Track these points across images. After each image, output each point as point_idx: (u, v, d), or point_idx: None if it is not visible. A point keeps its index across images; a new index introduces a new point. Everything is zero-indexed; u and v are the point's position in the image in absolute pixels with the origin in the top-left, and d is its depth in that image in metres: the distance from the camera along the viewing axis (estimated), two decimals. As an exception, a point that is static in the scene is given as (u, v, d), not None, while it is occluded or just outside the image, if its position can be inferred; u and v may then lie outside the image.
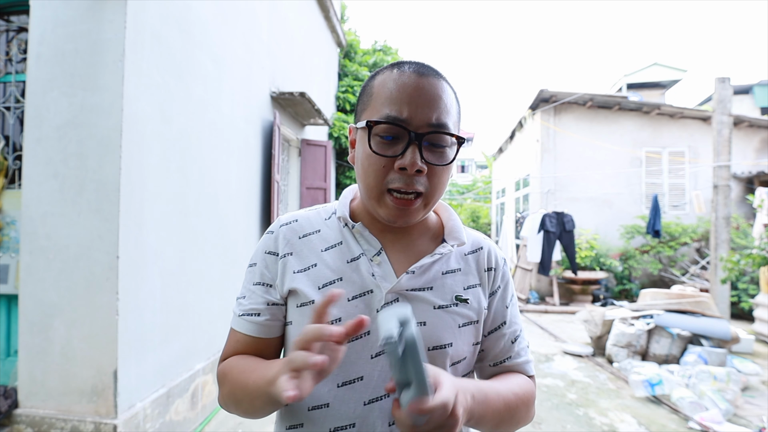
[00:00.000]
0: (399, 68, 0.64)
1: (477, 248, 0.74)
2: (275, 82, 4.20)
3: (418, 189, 0.61)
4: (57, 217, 2.03)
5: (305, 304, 0.65)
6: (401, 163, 0.59)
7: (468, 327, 0.68)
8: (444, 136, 0.62)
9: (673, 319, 3.95)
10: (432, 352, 0.64)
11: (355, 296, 0.64)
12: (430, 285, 0.67)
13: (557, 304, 7.09)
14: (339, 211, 0.70)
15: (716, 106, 5.35)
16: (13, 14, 2.36)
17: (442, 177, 0.63)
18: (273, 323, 0.69)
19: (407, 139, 0.60)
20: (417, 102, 0.60)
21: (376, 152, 0.61)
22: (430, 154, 0.61)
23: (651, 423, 2.90)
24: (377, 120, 0.61)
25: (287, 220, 0.73)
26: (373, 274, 0.65)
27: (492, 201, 14.51)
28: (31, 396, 2.04)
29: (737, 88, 11.19)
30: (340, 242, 0.69)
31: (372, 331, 0.62)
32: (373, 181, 0.62)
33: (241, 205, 3.47)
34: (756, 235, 5.11)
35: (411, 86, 0.61)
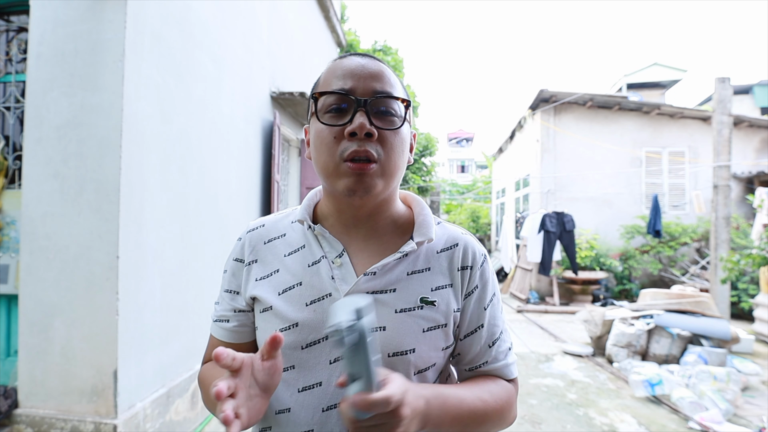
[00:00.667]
0: (341, 57, 0.65)
1: (451, 245, 0.69)
2: (275, 82, 4.20)
3: (371, 154, 0.59)
4: (57, 217, 2.03)
5: (266, 310, 0.65)
6: (351, 128, 0.59)
7: (435, 331, 0.64)
8: (391, 103, 0.61)
9: (673, 319, 3.95)
10: (392, 358, 0.61)
11: (313, 300, 0.63)
12: (393, 287, 0.64)
13: (557, 304, 7.09)
14: (300, 214, 0.69)
15: (716, 106, 5.35)
16: (13, 14, 2.36)
17: (395, 144, 0.62)
18: (242, 329, 0.70)
19: (354, 106, 0.60)
20: (360, 74, 0.61)
21: (325, 123, 0.61)
22: (379, 120, 0.61)
23: (651, 423, 2.90)
24: (322, 90, 0.62)
25: (255, 226, 0.73)
26: (332, 276, 0.64)
27: (492, 201, 14.51)
28: (31, 396, 2.04)
29: (737, 88, 11.20)
30: (303, 246, 0.68)
31: (329, 336, 0.62)
32: (327, 155, 0.61)
33: (241, 205, 3.47)
34: (755, 236, 5.11)
35: (353, 64, 0.62)
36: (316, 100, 0.63)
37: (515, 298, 7.81)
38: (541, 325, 5.85)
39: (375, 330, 0.60)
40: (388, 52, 8.65)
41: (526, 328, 5.71)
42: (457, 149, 32.59)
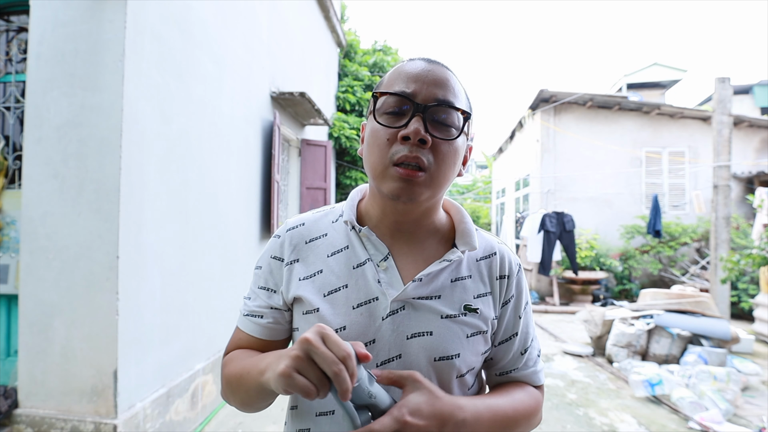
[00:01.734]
0: (410, 60, 0.65)
1: (490, 254, 0.71)
2: (275, 82, 4.20)
3: (421, 161, 0.58)
4: (57, 217, 2.03)
5: (310, 312, 0.64)
6: (404, 132, 0.58)
7: (476, 337, 0.65)
8: (451, 113, 0.61)
9: (673, 319, 3.95)
10: (438, 362, 0.62)
11: (360, 304, 0.63)
12: (438, 293, 0.64)
13: (557, 304, 7.09)
14: (345, 215, 0.68)
15: (716, 106, 5.35)
16: (13, 14, 2.36)
17: (448, 155, 0.61)
18: (275, 326, 0.69)
19: (412, 111, 0.59)
20: (424, 80, 0.60)
21: (381, 123, 0.60)
22: (435, 129, 0.60)
23: (651, 423, 2.90)
24: (383, 91, 0.61)
25: (294, 224, 0.72)
26: (379, 280, 0.64)
27: (492, 201, 14.51)
28: (31, 396, 2.04)
29: (737, 88, 11.20)
30: (346, 246, 0.67)
31: (377, 340, 0.62)
32: (378, 156, 0.60)
33: (241, 205, 3.47)
34: (755, 236, 5.11)
35: (419, 68, 0.62)
36: (376, 99, 0.62)
37: (515, 298, 7.80)
38: (541, 325, 5.85)
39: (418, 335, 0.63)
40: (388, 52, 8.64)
41: (526, 328, 5.71)
42: (457, 149, 32.51)
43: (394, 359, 0.62)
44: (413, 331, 0.62)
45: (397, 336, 0.62)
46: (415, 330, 0.62)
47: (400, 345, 0.62)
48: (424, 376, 0.60)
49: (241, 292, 3.39)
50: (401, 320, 0.62)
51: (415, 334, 0.62)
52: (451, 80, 0.62)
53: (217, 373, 2.94)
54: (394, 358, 0.62)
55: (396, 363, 0.61)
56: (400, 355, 0.61)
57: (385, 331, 0.62)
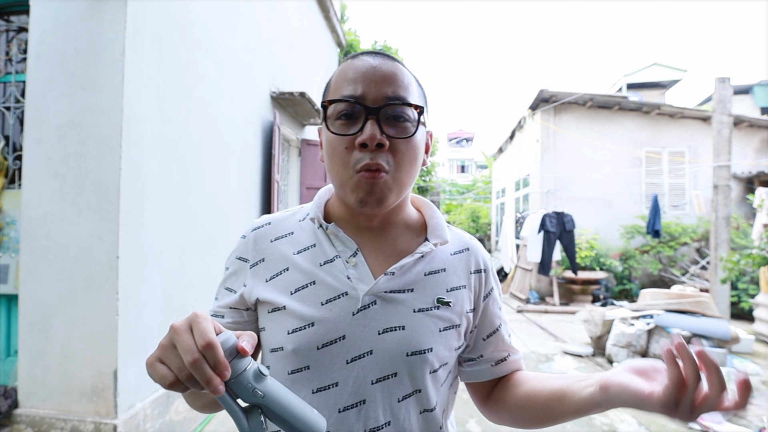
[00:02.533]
0: (354, 57, 0.63)
1: (463, 248, 0.71)
2: (275, 82, 4.20)
3: (382, 165, 0.58)
4: (57, 217, 2.03)
5: (277, 310, 0.63)
6: (361, 139, 0.57)
7: (449, 331, 0.65)
8: (404, 109, 0.59)
9: (673, 319, 3.95)
10: (411, 357, 0.61)
11: (328, 300, 0.62)
12: (411, 287, 0.64)
13: (557, 304, 7.09)
14: (312, 212, 0.68)
15: (716, 106, 5.35)
16: (13, 14, 2.36)
17: (407, 153, 0.60)
18: (236, 327, 0.68)
19: (364, 115, 0.58)
20: (371, 79, 0.59)
21: (335, 133, 0.59)
22: (391, 128, 0.59)
23: (651, 423, 2.90)
24: (332, 99, 0.60)
25: (260, 224, 0.71)
26: (348, 276, 0.63)
27: (492, 201, 14.51)
28: (31, 396, 2.04)
29: (737, 88, 11.20)
30: (313, 244, 0.66)
31: (347, 336, 0.60)
32: (340, 165, 0.60)
33: (241, 205, 3.47)
34: (756, 236, 5.11)
35: (365, 67, 0.60)
36: (325, 108, 0.61)
37: (515, 298, 7.81)
38: (541, 325, 5.84)
39: (390, 330, 0.61)
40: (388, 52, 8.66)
41: (526, 328, 5.71)
42: (457, 149, 32.59)
43: (365, 355, 0.60)
44: (385, 326, 0.61)
45: (369, 331, 0.61)
46: (387, 325, 0.61)
47: (372, 340, 0.60)
48: (397, 371, 0.60)
49: (241, 292, 3.39)
50: (373, 315, 0.61)
51: (387, 328, 0.61)
52: (398, 74, 0.61)
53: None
54: (366, 353, 0.60)
55: (368, 359, 0.60)
56: (371, 350, 0.60)
57: (356, 327, 0.61)
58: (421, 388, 0.62)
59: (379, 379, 0.60)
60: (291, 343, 0.61)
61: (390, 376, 0.60)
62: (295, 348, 0.61)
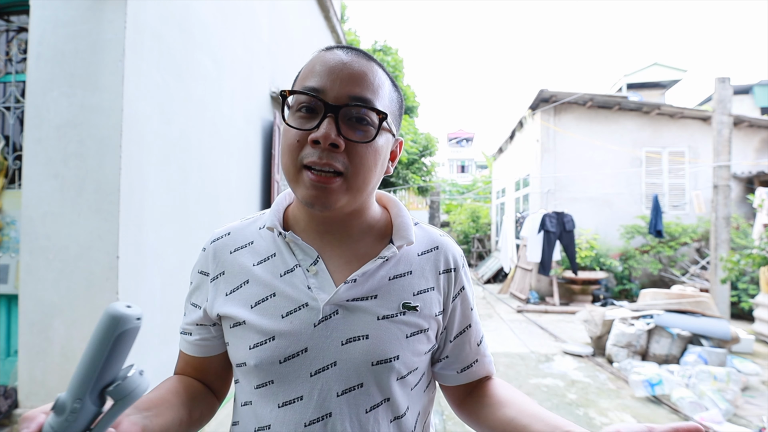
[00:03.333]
0: (327, 49, 0.60)
1: (432, 248, 0.67)
2: (275, 82, 4.20)
3: (335, 166, 0.54)
4: (57, 217, 2.03)
5: (237, 325, 0.61)
6: (314, 136, 0.54)
7: (417, 336, 0.62)
8: (367, 112, 0.56)
9: (673, 319, 3.95)
10: (376, 367, 0.58)
11: (289, 312, 0.59)
12: (375, 293, 0.61)
13: (557, 304, 7.09)
14: (269, 221, 0.64)
15: (716, 106, 5.35)
16: (13, 14, 2.36)
17: (366, 157, 0.56)
18: (204, 343, 0.67)
19: (323, 111, 0.55)
20: (337, 74, 0.55)
21: (290, 125, 0.56)
22: (351, 130, 0.55)
23: (651, 423, 2.90)
24: (292, 89, 0.57)
25: (219, 235, 0.68)
26: (308, 286, 0.60)
27: (492, 201, 14.51)
28: (31, 396, 2.04)
29: (737, 88, 11.20)
30: (273, 254, 0.63)
31: (309, 348, 0.58)
32: (288, 158, 0.56)
33: (241, 205, 3.47)
34: (756, 236, 5.11)
35: (334, 61, 0.57)
36: (284, 97, 0.58)
37: (515, 298, 7.81)
38: (541, 325, 5.85)
39: (354, 339, 0.58)
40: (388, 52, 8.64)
41: (526, 328, 5.72)
42: (457, 149, 32.59)
43: (329, 367, 0.58)
44: (348, 336, 0.59)
45: (331, 342, 0.58)
46: (350, 334, 0.59)
47: (335, 351, 0.58)
48: (363, 381, 0.58)
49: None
50: (335, 325, 0.59)
51: (351, 338, 0.59)
52: (369, 74, 0.57)
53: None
54: (330, 365, 0.58)
55: (332, 371, 0.58)
56: (335, 362, 0.58)
57: (318, 338, 0.58)
58: (390, 396, 0.60)
59: (344, 390, 0.58)
60: (253, 358, 0.59)
61: (356, 387, 0.58)
62: (257, 363, 0.59)
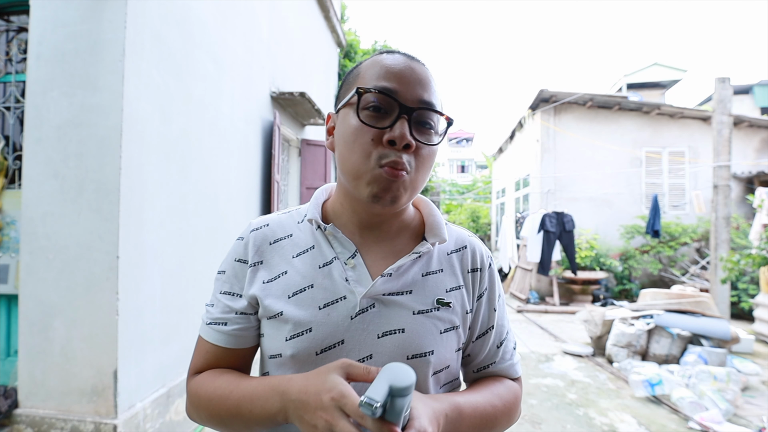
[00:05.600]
0: (388, 53, 0.63)
1: (461, 247, 0.69)
2: (275, 82, 4.20)
3: (406, 167, 0.57)
4: (57, 217, 2.03)
5: (274, 316, 0.62)
6: (391, 136, 0.56)
7: (450, 333, 0.63)
8: (433, 116, 0.59)
9: (673, 319, 3.95)
10: (412, 360, 0.60)
11: (326, 304, 0.61)
12: (409, 288, 0.62)
13: (557, 304, 7.09)
14: (310, 213, 0.66)
15: (716, 106, 5.35)
16: (13, 14, 2.36)
17: (428, 159, 0.60)
18: (242, 333, 0.65)
19: (397, 112, 0.57)
20: (408, 79, 0.58)
21: (365, 122, 0.57)
22: (418, 132, 0.58)
23: (651, 423, 2.90)
24: (368, 88, 0.58)
25: (258, 225, 0.69)
26: (346, 278, 0.61)
27: (492, 201, 14.51)
28: (31, 396, 2.04)
29: (737, 88, 11.20)
30: (312, 246, 0.65)
31: (346, 340, 0.59)
32: (360, 156, 0.57)
33: (241, 205, 3.47)
34: (754, 236, 5.10)
35: (401, 65, 0.59)
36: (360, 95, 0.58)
37: (515, 298, 7.81)
38: (541, 325, 5.84)
39: (390, 333, 0.60)
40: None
41: (526, 328, 5.71)
42: (457, 149, 32.58)
43: (365, 359, 0.59)
44: (384, 329, 0.60)
45: (368, 335, 0.60)
46: (387, 328, 0.60)
47: (371, 344, 0.59)
48: None
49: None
50: (371, 318, 0.60)
51: (387, 332, 0.60)
52: (432, 80, 0.61)
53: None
54: (365, 358, 0.59)
55: (367, 363, 0.59)
56: (371, 355, 0.59)
57: (355, 331, 0.59)
58: (423, 392, 0.60)
59: None
60: (290, 348, 0.60)
61: None
62: (294, 354, 0.60)
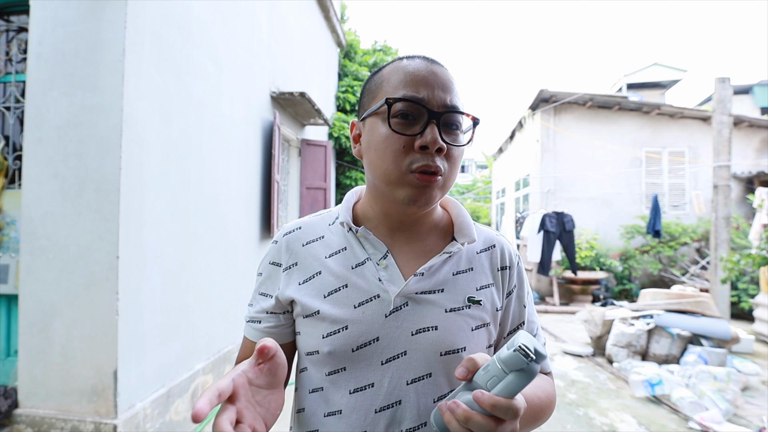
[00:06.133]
0: (408, 58, 0.64)
1: (489, 246, 0.71)
2: (275, 82, 4.20)
3: (439, 168, 0.59)
4: (57, 217, 2.03)
5: (310, 315, 0.65)
6: (423, 141, 0.58)
7: (481, 330, 0.65)
8: (459, 118, 0.62)
9: (673, 319, 3.94)
10: (445, 357, 0.62)
11: (361, 302, 0.63)
12: (441, 287, 0.65)
13: (557, 304, 7.09)
14: (341, 216, 0.69)
15: (716, 106, 5.35)
16: (13, 14, 2.36)
17: (458, 160, 0.62)
18: (273, 330, 0.69)
19: (426, 118, 0.59)
20: (433, 84, 0.60)
21: (396, 131, 0.59)
22: (447, 135, 0.60)
23: (651, 423, 2.90)
24: (397, 98, 0.60)
25: (291, 228, 0.72)
26: (379, 278, 0.64)
27: (492, 201, 14.51)
28: (31, 396, 2.04)
29: (737, 88, 11.20)
30: (344, 248, 0.68)
31: (381, 337, 0.62)
32: (393, 164, 0.59)
33: (241, 205, 3.47)
34: (754, 236, 5.10)
35: (424, 70, 0.61)
36: (389, 105, 0.60)
37: (515, 298, 7.80)
38: (541, 325, 5.84)
39: (423, 330, 0.62)
40: (388, 52, 8.63)
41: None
42: (457, 149, 32.53)
43: (399, 356, 0.62)
44: (418, 327, 0.62)
45: (402, 332, 0.62)
46: (420, 325, 0.62)
47: (406, 341, 0.62)
48: (431, 371, 0.61)
49: (242, 292, 3.39)
50: (405, 316, 0.62)
51: (420, 329, 0.62)
52: (454, 83, 0.63)
53: (218, 373, 2.93)
54: (400, 354, 0.62)
55: (402, 359, 0.62)
56: (405, 351, 0.62)
57: (390, 329, 0.62)
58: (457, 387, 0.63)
59: (414, 379, 0.61)
60: (326, 346, 0.63)
61: (425, 376, 0.62)
62: (331, 351, 0.62)
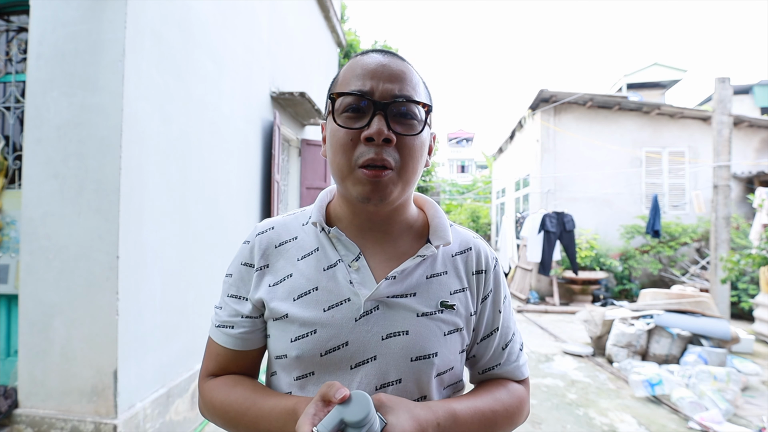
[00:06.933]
0: (363, 54, 0.63)
1: (465, 249, 0.70)
2: (275, 82, 4.20)
3: (388, 161, 0.57)
4: (57, 217, 2.03)
5: (279, 318, 0.63)
6: (367, 133, 0.57)
7: (454, 335, 0.64)
8: (411, 107, 0.59)
9: (673, 319, 3.95)
10: (416, 362, 0.60)
11: (330, 306, 0.61)
12: (414, 291, 0.63)
13: (557, 304, 7.09)
14: (314, 216, 0.67)
15: (716, 106, 5.35)
16: (13, 14, 2.36)
17: (414, 150, 0.60)
18: (248, 336, 0.67)
19: (372, 110, 0.58)
20: (380, 76, 0.59)
21: (341, 125, 0.59)
22: (398, 125, 0.59)
23: (651, 423, 2.90)
24: (340, 92, 0.59)
25: (263, 228, 0.70)
26: (350, 281, 0.62)
27: (492, 201, 14.51)
28: (31, 396, 2.04)
29: (737, 88, 11.20)
30: (316, 249, 0.66)
31: (350, 342, 0.60)
32: (342, 158, 0.59)
33: (241, 205, 3.47)
34: (754, 236, 5.10)
35: (374, 63, 0.60)
36: (333, 100, 0.60)
37: (515, 298, 7.81)
38: (541, 325, 5.84)
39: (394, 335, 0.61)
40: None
41: (526, 328, 5.72)
42: (457, 149, 32.58)
43: (369, 361, 0.60)
44: (388, 331, 0.61)
45: (372, 337, 0.60)
46: (391, 330, 0.61)
47: (376, 346, 0.60)
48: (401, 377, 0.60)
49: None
50: (375, 320, 0.61)
51: (391, 334, 0.60)
52: (407, 72, 0.61)
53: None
54: (370, 359, 0.60)
55: (371, 364, 0.60)
56: (375, 356, 0.60)
57: (359, 333, 0.60)
58: (426, 394, 0.62)
59: (383, 385, 0.60)
60: (294, 350, 0.61)
61: (394, 382, 0.60)
62: (299, 355, 0.61)
